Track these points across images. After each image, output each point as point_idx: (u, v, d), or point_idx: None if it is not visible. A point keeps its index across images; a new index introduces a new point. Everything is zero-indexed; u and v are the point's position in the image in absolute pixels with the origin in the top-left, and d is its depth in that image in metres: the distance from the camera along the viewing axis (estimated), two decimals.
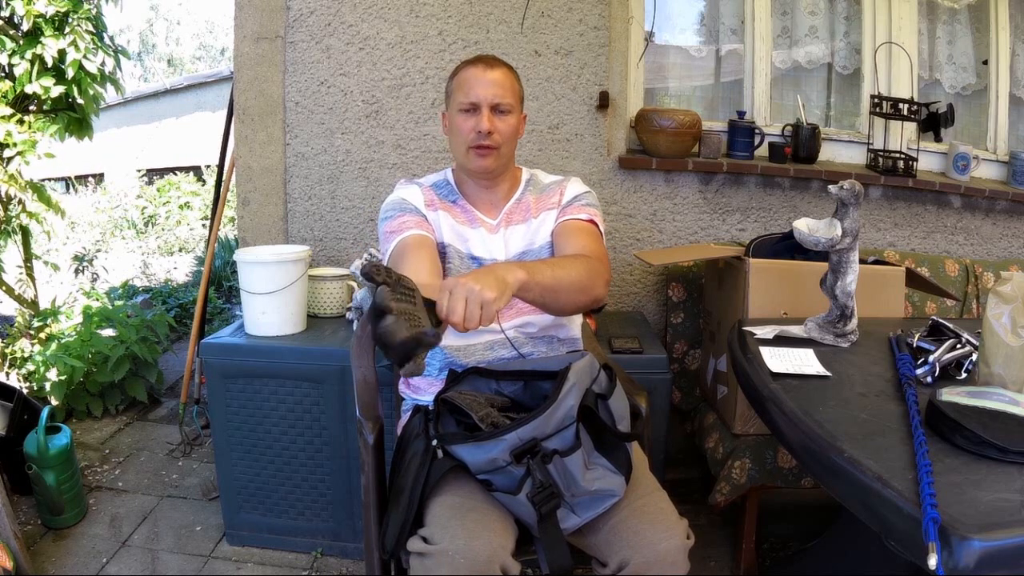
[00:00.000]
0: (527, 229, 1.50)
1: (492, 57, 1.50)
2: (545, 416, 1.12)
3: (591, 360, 1.24)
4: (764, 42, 2.53)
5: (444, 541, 1.09)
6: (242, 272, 2.02)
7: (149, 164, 7.99)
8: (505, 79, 1.45)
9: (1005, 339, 1.20)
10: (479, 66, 1.45)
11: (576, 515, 1.19)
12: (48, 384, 2.78)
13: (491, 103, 1.42)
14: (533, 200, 1.53)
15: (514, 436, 1.12)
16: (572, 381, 1.16)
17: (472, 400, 1.22)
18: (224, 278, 4.84)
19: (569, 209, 1.50)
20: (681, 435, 2.34)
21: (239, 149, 2.43)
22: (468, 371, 1.34)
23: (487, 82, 1.43)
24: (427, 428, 1.23)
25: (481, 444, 1.14)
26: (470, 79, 1.44)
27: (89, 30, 3.13)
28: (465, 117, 1.43)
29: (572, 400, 1.15)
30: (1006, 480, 0.94)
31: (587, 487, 1.17)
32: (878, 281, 1.89)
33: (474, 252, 1.47)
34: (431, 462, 1.18)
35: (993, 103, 2.66)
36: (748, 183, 2.47)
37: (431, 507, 1.18)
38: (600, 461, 1.20)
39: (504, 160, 1.48)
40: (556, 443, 1.14)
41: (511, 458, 1.12)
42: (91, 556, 2.01)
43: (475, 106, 1.42)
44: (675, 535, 1.17)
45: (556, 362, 1.28)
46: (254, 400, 1.97)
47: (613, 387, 1.24)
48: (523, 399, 1.29)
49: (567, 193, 1.53)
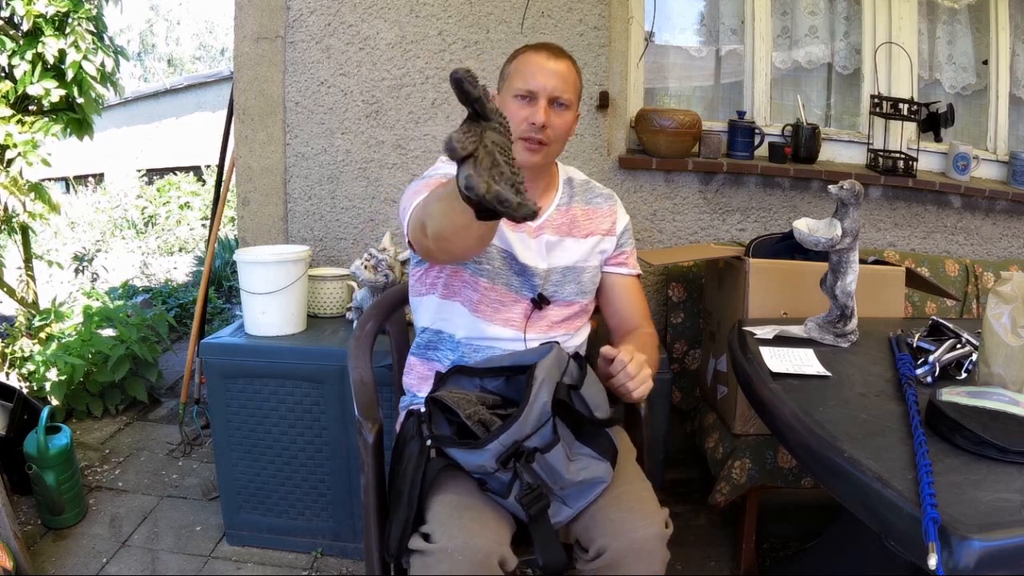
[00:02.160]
0: (576, 247, 1.44)
1: (558, 47, 1.40)
2: (522, 419, 1.14)
3: (558, 352, 1.24)
4: (764, 42, 2.53)
5: (443, 539, 1.11)
6: (242, 272, 2.02)
7: (149, 164, 7.99)
8: (569, 72, 1.37)
9: (1005, 339, 1.20)
10: (543, 53, 1.36)
11: (568, 506, 1.21)
12: (48, 384, 2.78)
13: (550, 95, 1.33)
14: (581, 214, 1.46)
15: (496, 444, 1.13)
16: (540, 378, 1.17)
17: (460, 398, 1.23)
18: (224, 278, 4.84)
19: (624, 255, 1.50)
20: (681, 435, 2.34)
21: (239, 149, 2.43)
22: (452, 371, 1.34)
23: (549, 72, 1.34)
24: (420, 429, 1.24)
25: (468, 452, 1.16)
26: (532, 65, 1.35)
27: (90, 30, 3.13)
28: (519, 105, 1.34)
29: (544, 396, 1.16)
30: (1006, 480, 0.94)
31: (573, 478, 1.19)
32: (878, 281, 1.89)
33: (516, 255, 1.38)
34: (427, 462, 1.20)
35: (993, 103, 2.66)
36: (748, 183, 2.47)
37: (430, 505, 1.18)
38: (583, 451, 1.22)
39: (551, 158, 1.41)
40: (536, 441, 1.15)
41: (497, 464, 1.14)
42: (91, 556, 2.01)
43: (532, 95, 1.33)
44: (653, 523, 1.18)
45: (532, 355, 1.28)
46: (254, 400, 1.96)
47: (584, 375, 1.24)
48: (508, 393, 1.29)
49: (619, 223, 1.50)
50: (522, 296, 1.39)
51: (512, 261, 1.38)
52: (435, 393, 1.27)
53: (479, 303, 1.37)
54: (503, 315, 1.38)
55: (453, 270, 1.38)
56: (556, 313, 1.42)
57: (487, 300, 1.38)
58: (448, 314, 1.40)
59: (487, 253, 1.36)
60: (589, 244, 1.46)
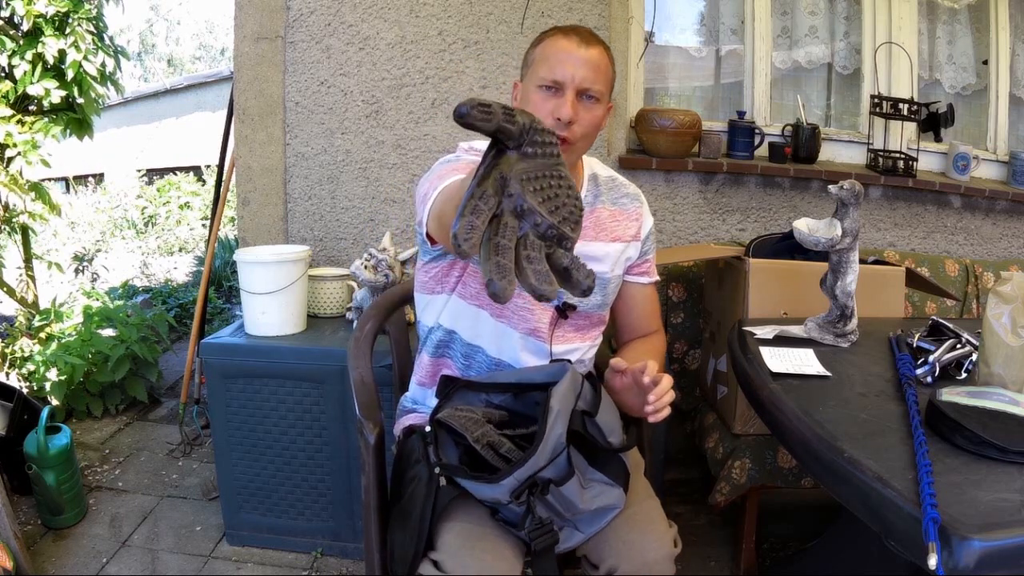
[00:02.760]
0: (602, 253, 1.33)
1: (589, 32, 1.25)
2: (537, 454, 1.09)
3: (572, 375, 1.17)
4: (764, 42, 2.53)
5: (456, 569, 1.09)
6: (242, 272, 2.02)
7: (149, 164, 7.99)
8: (601, 60, 1.22)
9: (1005, 339, 1.20)
10: (573, 39, 1.21)
11: (580, 531, 1.19)
12: (48, 384, 2.78)
13: (579, 86, 1.19)
14: (607, 215, 1.35)
15: (512, 480, 1.09)
16: (556, 409, 1.11)
17: (467, 419, 1.17)
18: (224, 278, 4.84)
19: (647, 263, 1.42)
20: (681, 435, 2.34)
21: (239, 149, 2.43)
22: (458, 386, 1.27)
23: (579, 60, 1.19)
24: (427, 453, 1.19)
25: (482, 485, 1.12)
26: (559, 52, 1.20)
27: (90, 30, 3.13)
28: (544, 96, 1.20)
29: (560, 428, 1.11)
30: (1006, 480, 0.94)
31: (587, 507, 1.16)
32: (878, 281, 1.89)
33: None
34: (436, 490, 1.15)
35: (993, 103, 2.66)
36: (748, 183, 2.47)
37: (441, 532, 1.16)
38: (596, 476, 1.18)
39: (576, 156, 1.28)
40: (550, 472, 1.11)
41: (511, 498, 1.10)
42: (91, 556, 2.01)
43: (559, 85, 1.19)
44: (664, 545, 1.18)
45: (540, 373, 1.22)
46: (254, 400, 1.97)
47: (599, 400, 1.18)
48: (516, 408, 1.24)
49: (644, 226, 1.39)
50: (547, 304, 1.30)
51: None
52: (440, 415, 1.20)
53: (504, 309, 1.28)
54: (529, 324, 1.30)
55: (476, 269, 1.27)
56: (579, 323, 1.35)
57: (512, 306, 1.29)
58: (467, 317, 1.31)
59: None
60: (615, 251, 1.35)
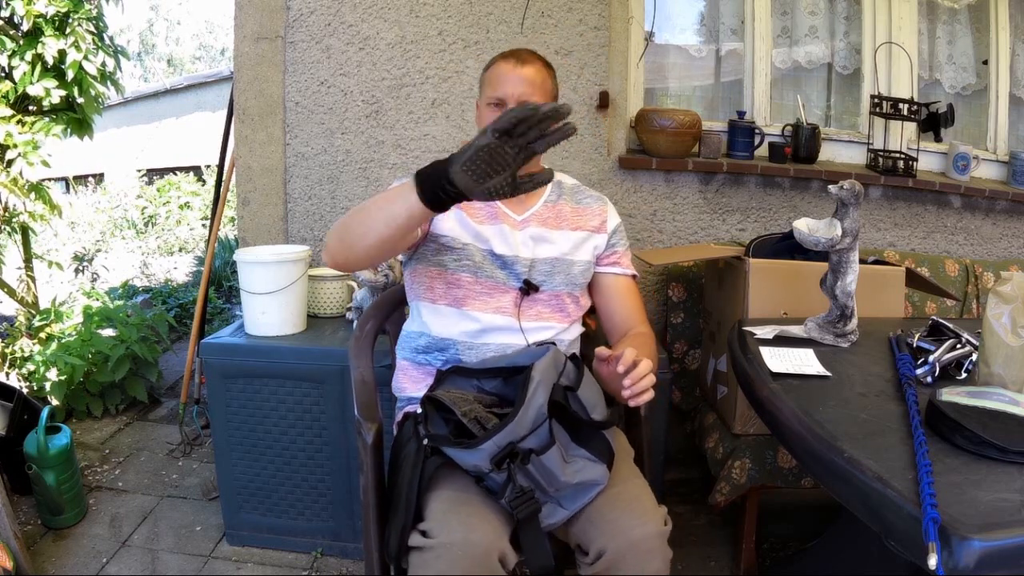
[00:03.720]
0: (563, 239, 1.46)
1: (528, 52, 1.44)
2: (517, 420, 1.13)
3: (555, 353, 1.25)
4: (764, 42, 2.53)
5: (442, 534, 1.11)
6: (242, 272, 2.02)
7: (149, 164, 8.00)
8: (536, 76, 1.41)
9: (1005, 339, 1.20)
10: (511, 61, 1.41)
11: (563, 508, 1.20)
12: (48, 384, 2.78)
13: (518, 101, 1.36)
14: (570, 210, 1.50)
15: (491, 444, 1.13)
16: (537, 379, 1.17)
17: (457, 397, 1.23)
18: (224, 278, 4.84)
19: (616, 255, 1.52)
20: (681, 435, 2.34)
21: (239, 149, 2.43)
22: (449, 371, 1.35)
23: (516, 79, 1.39)
24: (417, 430, 1.24)
25: (463, 451, 1.16)
26: (500, 74, 1.40)
27: (90, 30, 3.12)
28: (492, 112, 1.39)
29: (540, 398, 1.16)
30: (1006, 480, 0.94)
31: (568, 480, 1.18)
32: (878, 281, 1.89)
33: (496, 250, 1.41)
34: (424, 461, 1.20)
35: (993, 103, 2.66)
36: (748, 183, 2.47)
37: (428, 502, 1.19)
38: (579, 452, 1.21)
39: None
40: (532, 443, 1.15)
41: (492, 465, 1.14)
42: (91, 556, 2.01)
43: (502, 102, 1.38)
44: (650, 521, 1.17)
45: (527, 357, 1.28)
46: (254, 400, 1.97)
47: (581, 377, 1.24)
48: (506, 393, 1.29)
49: (610, 221, 1.52)
50: (509, 286, 1.42)
51: (492, 256, 1.41)
52: (432, 392, 1.27)
53: (465, 298, 1.41)
54: (493, 304, 1.41)
55: (438, 272, 1.42)
56: (548, 301, 1.44)
57: (474, 293, 1.41)
58: (438, 318, 1.43)
59: (465, 251, 1.41)
60: (577, 237, 1.48)
